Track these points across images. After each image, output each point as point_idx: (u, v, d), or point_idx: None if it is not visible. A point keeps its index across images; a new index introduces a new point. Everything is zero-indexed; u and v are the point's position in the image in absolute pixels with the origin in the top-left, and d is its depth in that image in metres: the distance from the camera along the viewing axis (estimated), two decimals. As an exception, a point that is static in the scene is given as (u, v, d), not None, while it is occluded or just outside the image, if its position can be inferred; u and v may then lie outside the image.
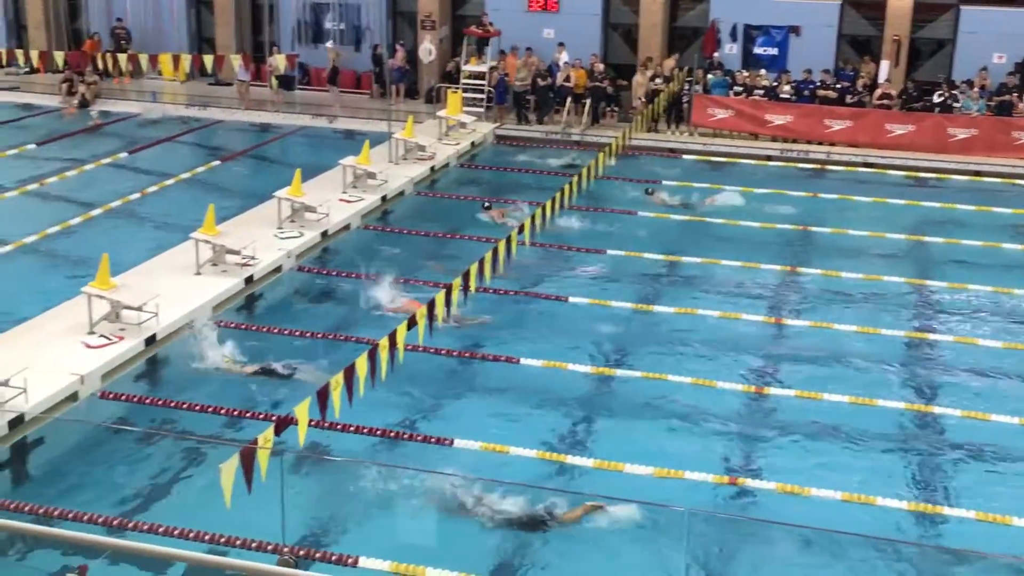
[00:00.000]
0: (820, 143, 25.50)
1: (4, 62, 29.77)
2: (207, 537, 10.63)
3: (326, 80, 29.35)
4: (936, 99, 25.64)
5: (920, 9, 26.93)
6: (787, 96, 25.96)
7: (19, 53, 29.66)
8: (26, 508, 11.12)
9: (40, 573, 10.13)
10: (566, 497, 11.45)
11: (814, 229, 20.61)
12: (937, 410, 13.82)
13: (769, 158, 25.17)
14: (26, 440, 12.54)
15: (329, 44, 29.68)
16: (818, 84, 25.98)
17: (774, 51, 27.67)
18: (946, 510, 11.73)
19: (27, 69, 30.81)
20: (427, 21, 29.30)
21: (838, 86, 25.91)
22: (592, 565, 10.85)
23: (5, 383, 12.52)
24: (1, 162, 23.58)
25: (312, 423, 11.36)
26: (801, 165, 24.85)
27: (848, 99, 25.75)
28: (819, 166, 24.80)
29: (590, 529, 11.16)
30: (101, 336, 14.34)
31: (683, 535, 10.14)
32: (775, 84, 26.22)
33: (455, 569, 10.38)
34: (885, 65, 26.82)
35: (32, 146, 24.80)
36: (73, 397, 13.27)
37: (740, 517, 11.55)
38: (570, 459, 12.51)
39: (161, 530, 10.77)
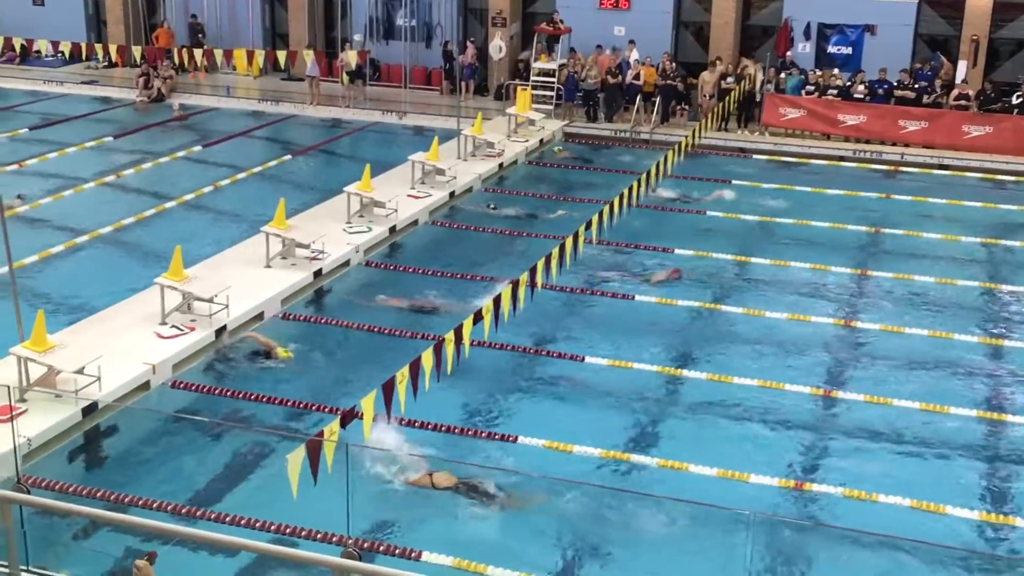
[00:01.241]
0: (894, 144, 25.10)
1: (84, 56, 30.51)
2: (273, 527, 10.78)
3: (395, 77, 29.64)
4: (1015, 100, 25.10)
5: (1000, 8, 26.38)
6: (861, 96, 25.58)
7: (98, 47, 30.36)
8: (98, 494, 11.36)
9: (111, 558, 10.33)
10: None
11: (886, 231, 20.29)
12: (1011, 418, 13.53)
13: (841, 159, 24.84)
14: (99, 427, 12.81)
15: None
16: (894, 84, 25.56)
17: (848, 50, 27.29)
18: (1018, 521, 11.48)
19: (105, 63, 31.47)
20: (498, 18, 29.36)
21: (916, 86, 25.46)
22: (654, 566, 10.80)
23: (80, 371, 12.79)
24: (80, 154, 24.10)
25: (377, 417, 11.43)
26: (874, 166, 24.50)
27: (924, 100, 25.31)
28: (892, 167, 24.42)
29: (653, 530, 11.11)
30: (173, 327, 14.59)
31: (747, 538, 10.07)
32: (849, 84, 25.85)
33: (517, 568, 10.39)
34: (962, 65, 26.31)
35: (109, 138, 25.29)
36: (145, 386, 13.52)
37: (805, 522, 11.42)
38: (634, 458, 12.46)
39: (228, 519, 10.93)
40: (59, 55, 30.87)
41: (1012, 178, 23.62)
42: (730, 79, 26.35)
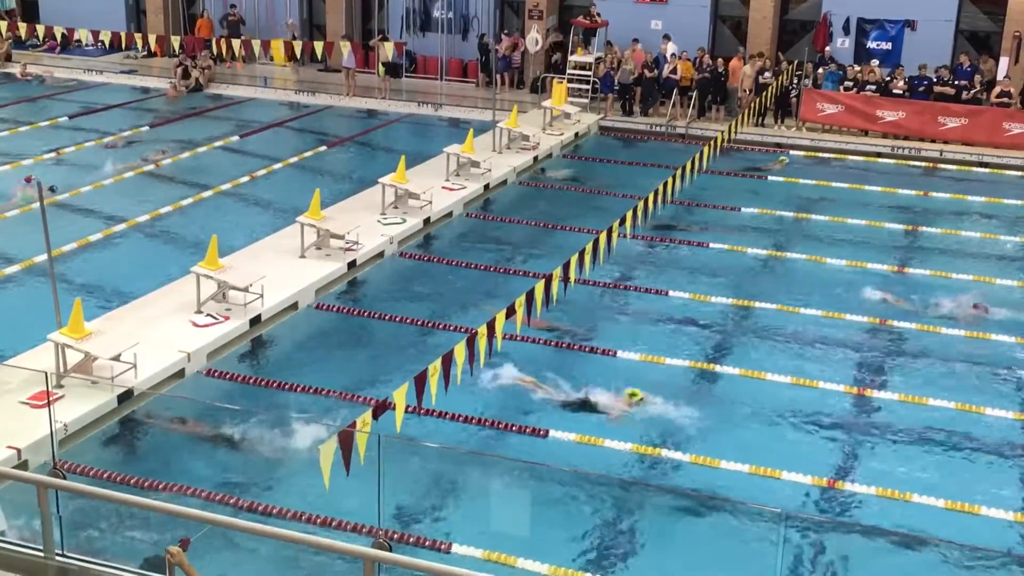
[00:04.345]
0: (933, 141, 24.85)
1: (123, 46, 30.73)
2: (304, 517, 10.84)
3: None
4: (1058, 97, 24.78)
5: (1043, 4, 26.03)
6: (900, 92, 25.31)
7: (138, 37, 30.57)
8: (132, 480, 11.47)
9: (144, 544, 10.42)
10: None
11: (924, 229, 20.11)
12: (1048, 420, 13.39)
13: (879, 155, 24.62)
14: (134, 414, 12.93)
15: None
16: (934, 80, 25.28)
17: (888, 45, 27.02)
18: (1054, 523, 11.37)
19: (144, 53, 31.67)
20: (535, 11, 29.30)
21: (955, 83, 25.15)
22: (684, 563, 10.77)
23: (116, 358, 12.91)
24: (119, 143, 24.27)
25: (409, 409, 11.47)
26: (912, 163, 24.28)
27: (964, 96, 25.01)
28: (931, 164, 24.18)
29: (683, 528, 11.09)
30: (208, 315, 14.69)
31: (778, 536, 10.03)
32: (888, 79, 25.58)
33: (546, 560, 10.40)
34: (1004, 62, 25.98)
35: (146, 128, 25.47)
36: (180, 374, 13.63)
37: (837, 522, 11.35)
38: (665, 453, 12.44)
39: (260, 508, 11.01)
40: (99, 44, 31.08)
41: (1053, 176, 23.34)
42: (767, 74, 26.15)
